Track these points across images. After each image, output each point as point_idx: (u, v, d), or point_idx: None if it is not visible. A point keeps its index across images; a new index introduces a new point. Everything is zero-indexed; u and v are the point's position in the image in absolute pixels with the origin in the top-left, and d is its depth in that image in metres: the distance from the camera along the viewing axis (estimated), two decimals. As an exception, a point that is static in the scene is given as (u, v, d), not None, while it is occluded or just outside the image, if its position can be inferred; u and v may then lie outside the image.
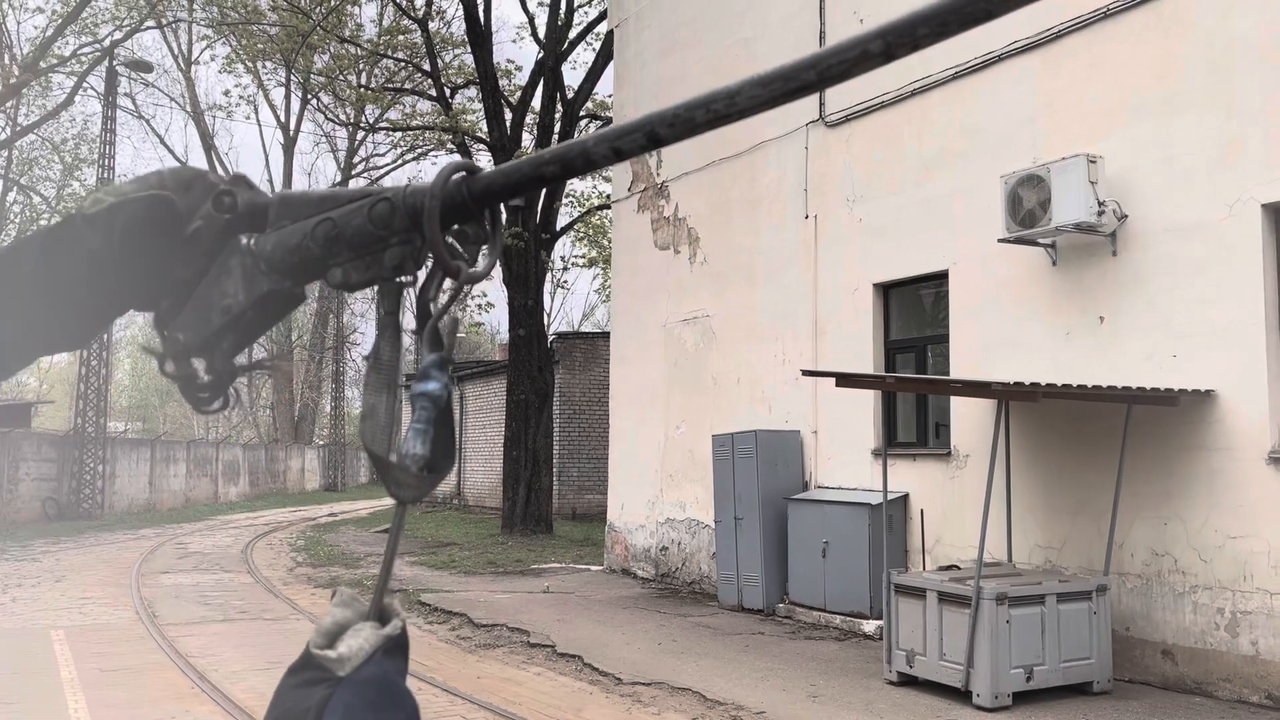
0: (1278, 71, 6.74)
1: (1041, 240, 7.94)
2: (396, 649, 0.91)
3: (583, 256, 26.33)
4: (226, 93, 39.69)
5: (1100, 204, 7.47)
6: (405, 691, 0.91)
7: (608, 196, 17.57)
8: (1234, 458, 6.91)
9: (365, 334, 47.03)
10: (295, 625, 9.71)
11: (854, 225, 9.99)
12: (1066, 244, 7.93)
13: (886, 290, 9.79)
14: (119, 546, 17.18)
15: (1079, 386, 7.01)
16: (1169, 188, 7.35)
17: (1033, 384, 6.93)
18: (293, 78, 28.70)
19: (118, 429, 32.58)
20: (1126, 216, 7.56)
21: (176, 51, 37.03)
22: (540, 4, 20.53)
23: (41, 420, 36.24)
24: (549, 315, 27.50)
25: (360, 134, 33.70)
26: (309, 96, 30.07)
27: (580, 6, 20.59)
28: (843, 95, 10.09)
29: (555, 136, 19.71)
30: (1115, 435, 7.40)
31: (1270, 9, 6.80)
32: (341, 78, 24.32)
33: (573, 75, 20.84)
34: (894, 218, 9.54)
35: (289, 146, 40.32)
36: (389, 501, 27.64)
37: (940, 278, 9.13)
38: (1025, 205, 7.75)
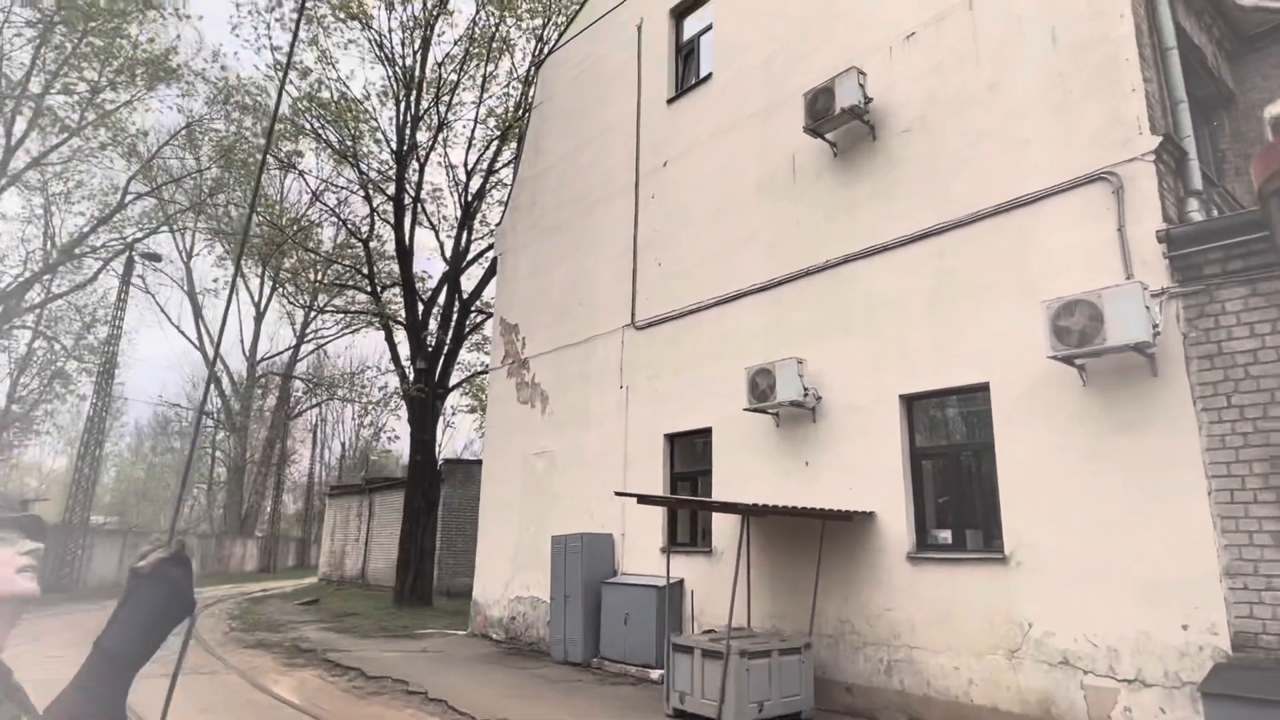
0: (902, 315, 7.47)
1: (770, 410, 8.28)
2: (178, 560, 1.16)
3: (467, 406, 25.69)
4: (215, 280, 37.46)
5: (805, 389, 7.92)
6: (176, 578, 1.16)
7: (488, 366, 17.38)
8: (887, 556, 7.18)
9: (301, 455, 43.84)
10: (225, 678, 8.56)
11: (652, 394, 10.20)
12: (785, 414, 8.30)
13: (673, 439, 9.91)
14: (88, 614, 14.87)
15: (793, 507, 7.19)
16: (845, 382, 7.86)
17: (764, 505, 7.09)
18: (267, 272, 27.50)
19: (99, 521, 28.73)
20: (821, 398, 8.01)
21: (181, 247, 34.92)
22: (447, 235, 20.70)
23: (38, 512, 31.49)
24: (439, 446, 26.49)
25: (313, 313, 32.34)
26: (277, 286, 28.80)
27: (477, 239, 20.89)
28: (647, 308, 10.49)
29: (454, 323, 19.54)
30: (815, 540, 7.61)
31: (898, 276, 7.57)
32: (303, 274, 23.51)
33: (468, 283, 20.88)
34: (678, 390, 9.78)
35: (259, 319, 38.26)
36: (310, 580, 25.17)
37: (707, 432, 9.33)
38: (760, 387, 8.13)
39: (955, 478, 7.17)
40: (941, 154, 7.45)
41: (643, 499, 7.55)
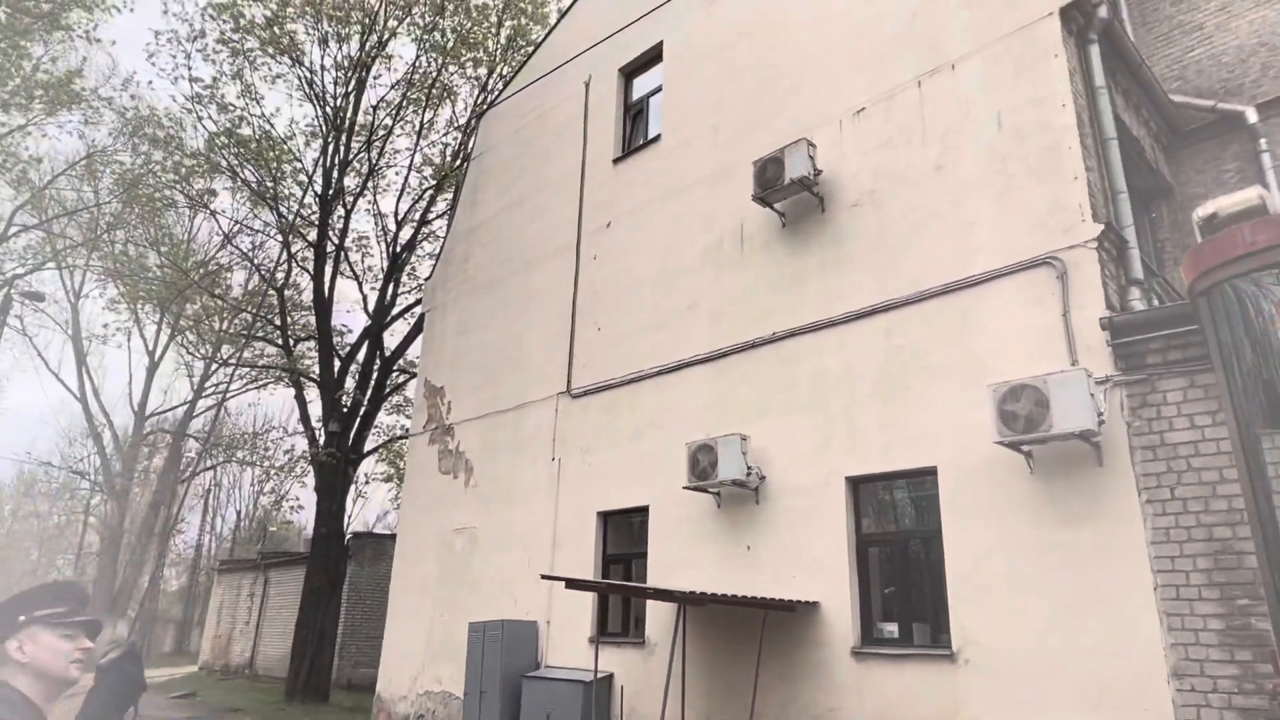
0: (850, 393, 7.67)
1: (711, 489, 8.29)
2: (131, 657, 2.85)
3: (383, 474, 24.98)
4: (105, 325, 35.95)
5: (749, 468, 7.98)
6: (130, 671, 2.33)
7: (408, 430, 17.01)
8: (831, 650, 7.16)
9: (190, 524, 41.61)
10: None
11: (586, 467, 10.11)
12: (727, 493, 8.32)
13: (606, 517, 9.80)
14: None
15: (732, 596, 7.14)
16: (790, 461, 7.97)
17: (702, 593, 7.02)
18: (166, 318, 26.58)
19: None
20: (765, 478, 8.08)
21: (69, 287, 33.61)
22: (372, 287, 20.47)
23: None
24: (349, 518, 25.50)
25: (215, 366, 31.26)
26: (176, 334, 27.84)
27: (404, 292, 20.71)
28: (584, 375, 10.50)
29: (373, 383, 19.16)
30: (756, 631, 7.55)
31: (846, 352, 7.80)
32: (207, 322, 22.81)
33: (391, 339, 20.58)
34: (614, 464, 9.73)
35: (152, 369, 36.70)
36: (189, 668, 23.47)
37: (643, 511, 9.27)
38: (701, 464, 8.16)
39: (902, 566, 7.25)
40: (890, 230, 7.81)
41: (571, 583, 7.38)
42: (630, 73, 11.87)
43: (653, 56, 11.45)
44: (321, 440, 18.04)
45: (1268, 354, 2.82)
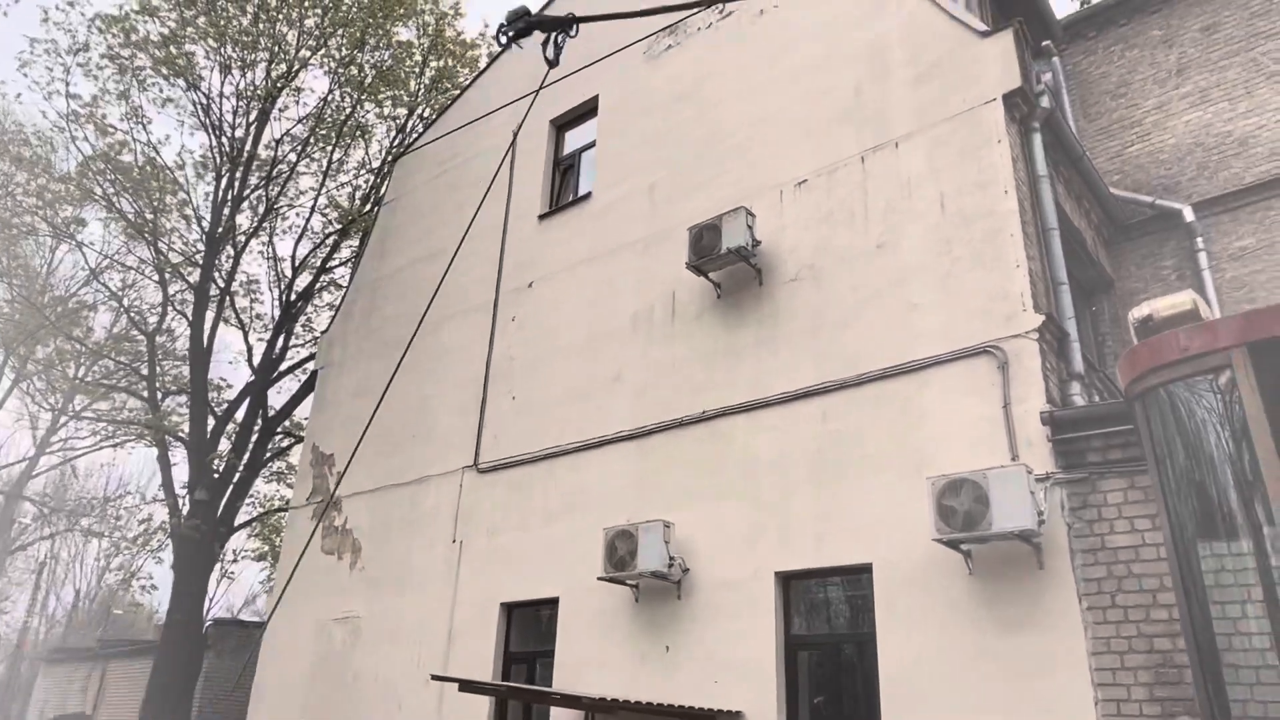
0: (786, 480, 7.78)
1: (629, 581, 8.20)
2: None
3: (255, 551, 23.86)
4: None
5: (672, 559, 7.94)
6: None
7: (289, 502, 16.36)
8: (755, 768, 7.06)
9: (16, 603, 38.54)
10: None
11: (491, 552, 9.89)
12: (647, 586, 8.24)
13: (511, 609, 9.56)
14: None
15: (647, 704, 7.01)
16: (717, 553, 7.97)
17: (613, 700, 6.88)
18: (10, 361, 25.17)
19: None
20: (689, 570, 8.05)
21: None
22: (259, 338, 19.92)
23: None
24: (210, 601, 24.12)
25: (65, 418, 29.60)
26: (20, 379, 26.34)
27: (296, 345, 20.20)
28: (494, 448, 10.37)
29: (252, 446, 18.45)
30: (672, 745, 7.39)
31: (780, 436, 7.94)
32: (60, 368, 21.68)
33: (277, 398, 19.94)
34: (523, 550, 9.55)
35: (-14, 418, 34.47)
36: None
37: (553, 604, 9.08)
38: (619, 552, 8.08)
39: (834, 673, 7.27)
40: (829, 308, 8.09)
41: (466, 685, 7.13)
42: (562, 125, 12.16)
43: (588, 110, 11.77)
44: (185, 510, 17.14)
45: (1200, 459, 3.02)
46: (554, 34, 4.56)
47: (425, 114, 19.44)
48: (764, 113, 9.47)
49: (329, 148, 19.06)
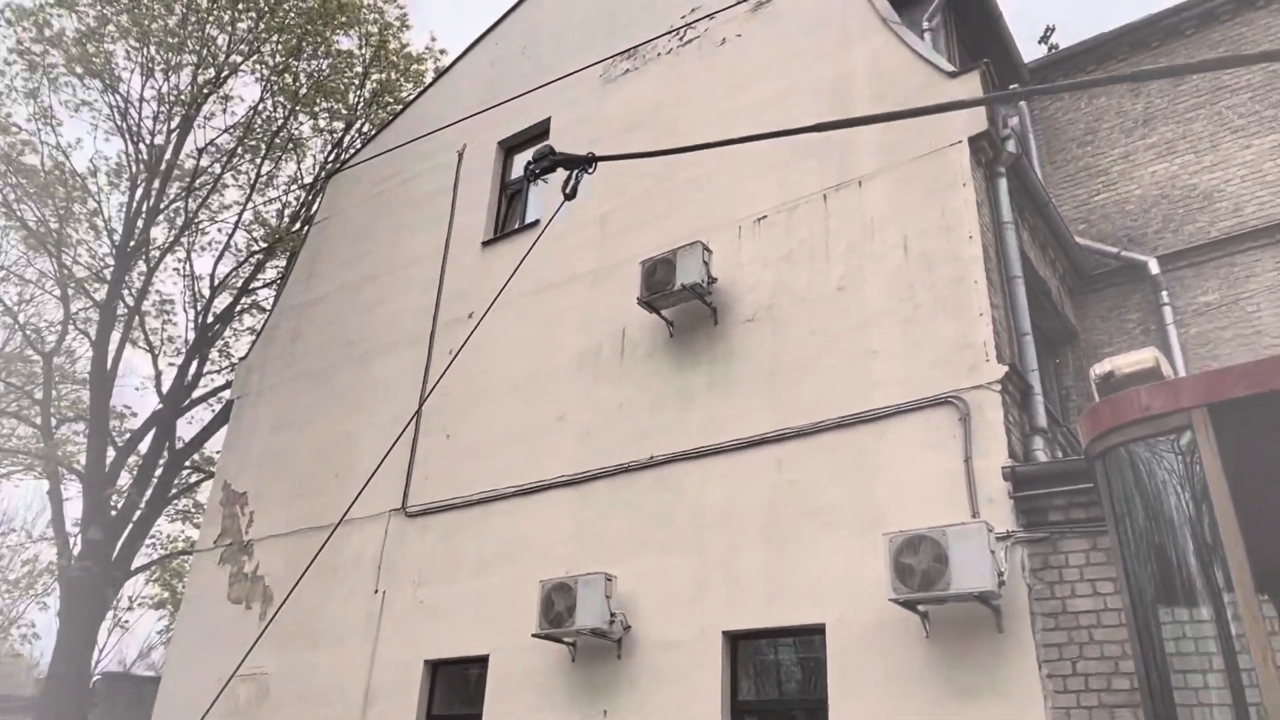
0: (736, 533, 7.80)
1: (566, 639, 8.08)
2: None
3: (154, 598, 23.01)
4: None
5: (613, 615, 7.86)
6: None
7: (194, 544, 15.87)
8: (695, 846, 6.97)
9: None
10: None
11: (416, 605, 9.70)
12: (585, 645, 8.14)
13: (436, 667, 9.36)
14: None
15: (581, 773, 6.89)
16: (661, 609, 7.92)
17: (544, 769, 6.75)
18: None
19: None
20: (630, 628, 7.97)
21: None
22: (170, 363, 19.46)
23: None
24: (100, 652, 23.13)
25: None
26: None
27: (211, 372, 19.76)
28: (425, 491, 10.21)
29: (155, 481, 17.90)
30: (607, 820, 7.26)
31: (731, 486, 7.97)
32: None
33: (187, 428, 19.43)
34: (451, 602, 9.38)
35: None
36: None
37: (482, 662, 8.91)
38: (556, 607, 7.96)
39: (782, 743, 7.23)
40: (786, 352, 8.19)
41: (382, 754, 6.93)
42: (511, 147, 12.22)
43: (539, 133, 11.86)
44: (76, 550, 16.50)
45: (1160, 522, 3.12)
46: (575, 170, 5.15)
47: (364, 129, 19.39)
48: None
49: (258, 160, 18.87)
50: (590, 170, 5.37)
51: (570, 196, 5.33)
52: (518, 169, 12.07)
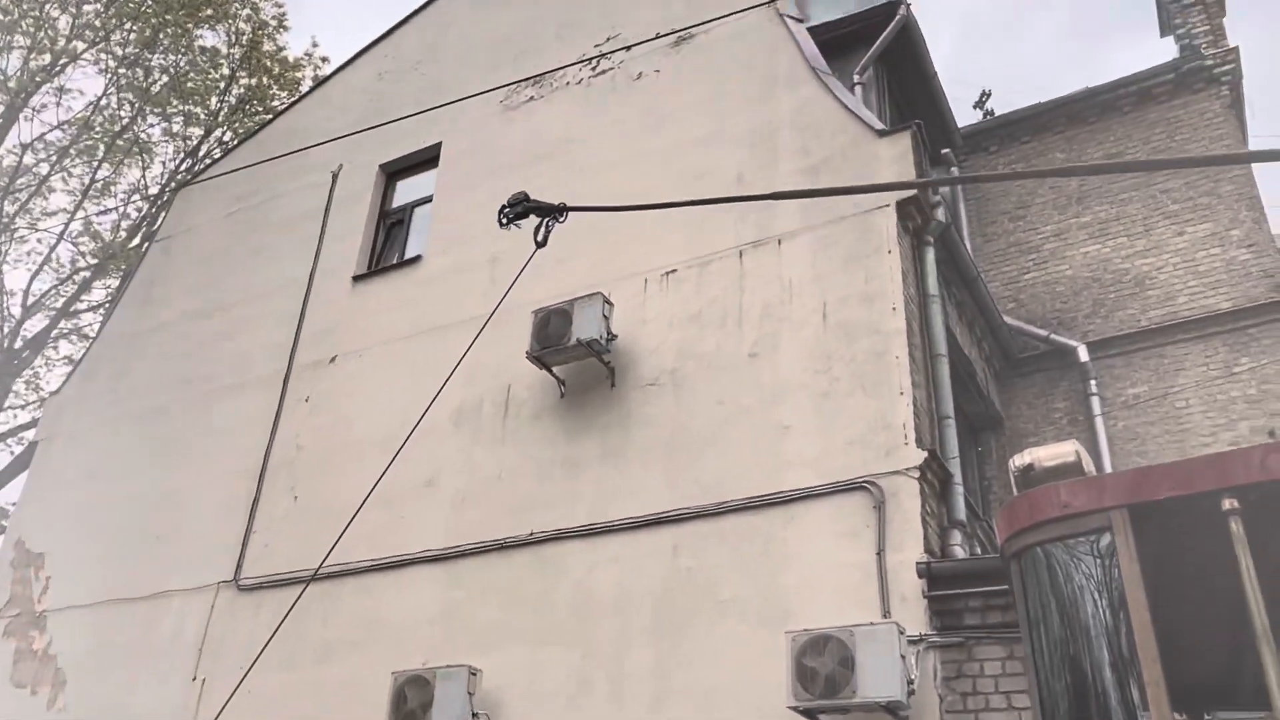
0: (625, 624, 7.75)
1: (418, 742, 7.85)
2: None
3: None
4: None
5: (475, 715, 7.66)
6: None
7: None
8: None
9: None
10: None
11: (243, 696, 9.18)
12: (440, 749, 7.90)
13: (260, 772, 8.93)
14: None
15: None
16: (533, 711, 7.73)
17: None
18: None
19: None
20: (495, 730, 7.79)
21: None
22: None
23: None
24: None
25: None
26: None
27: (12, 407, 18.75)
28: (264, 561, 9.85)
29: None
30: None
31: (622, 570, 7.94)
32: None
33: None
34: (286, 694, 8.98)
35: None
36: None
37: (316, 767, 8.57)
38: (409, 704, 7.72)
39: None
40: (691, 422, 8.28)
41: None
42: (395, 172, 12.18)
43: (428, 158, 11.86)
44: None
45: (1076, 631, 3.25)
46: (545, 219, 5.92)
47: (225, 138, 19.01)
48: (633, 188, 9.82)
49: (94, 163, 18.25)
50: (561, 219, 6.09)
51: (542, 244, 6.07)
52: (401, 195, 12.00)
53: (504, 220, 6.06)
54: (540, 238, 6.08)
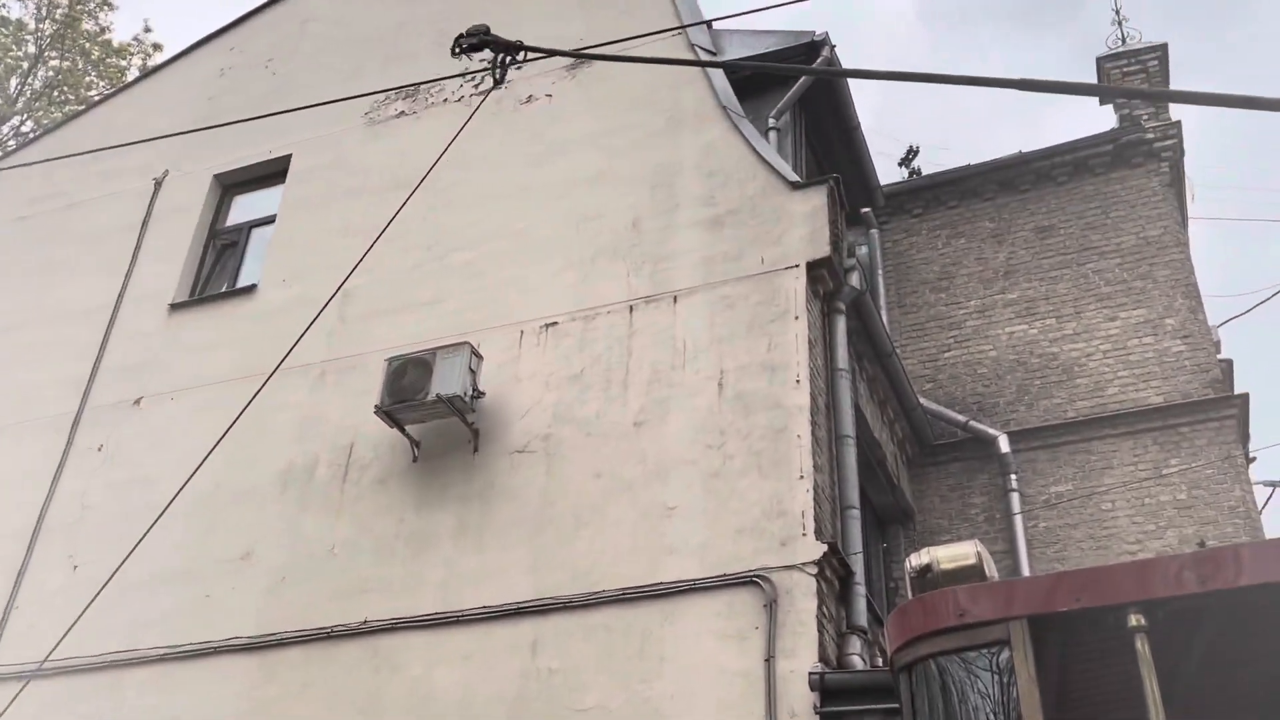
0: (469, 733, 7.71)
1: None
2: None
3: None
4: None
5: (281, 838, 7.49)
6: None
7: None
8: None
9: None
10: None
11: (-10, 810, 8.81)
12: None
13: None
14: None
15: None
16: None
17: None
18: None
19: None
20: None
21: None
22: None
23: None
24: None
25: None
26: None
27: None
28: (25, 646, 9.43)
29: None
30: None
31: (470, 669, 7.90)
32: None
33: None
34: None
35: None
36: None
37: None
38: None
39: None
40: (563, 496, 8.36)
41: None
42: (232, 185, 12.07)
43: (274, 172, 11.78)
44: None
45: (972, 757, 3.38)
46: (501, 55, 6.28)
47: (24, 128, 18.46)
48: (512, 226, 9.95)
49: None
50: (519, 65, 6.52)
51: (499, 83, 6.47)
52: (236, 213, 11.87)
53: (456, 50, 6.39)
54: (499, 75, 6.42)
